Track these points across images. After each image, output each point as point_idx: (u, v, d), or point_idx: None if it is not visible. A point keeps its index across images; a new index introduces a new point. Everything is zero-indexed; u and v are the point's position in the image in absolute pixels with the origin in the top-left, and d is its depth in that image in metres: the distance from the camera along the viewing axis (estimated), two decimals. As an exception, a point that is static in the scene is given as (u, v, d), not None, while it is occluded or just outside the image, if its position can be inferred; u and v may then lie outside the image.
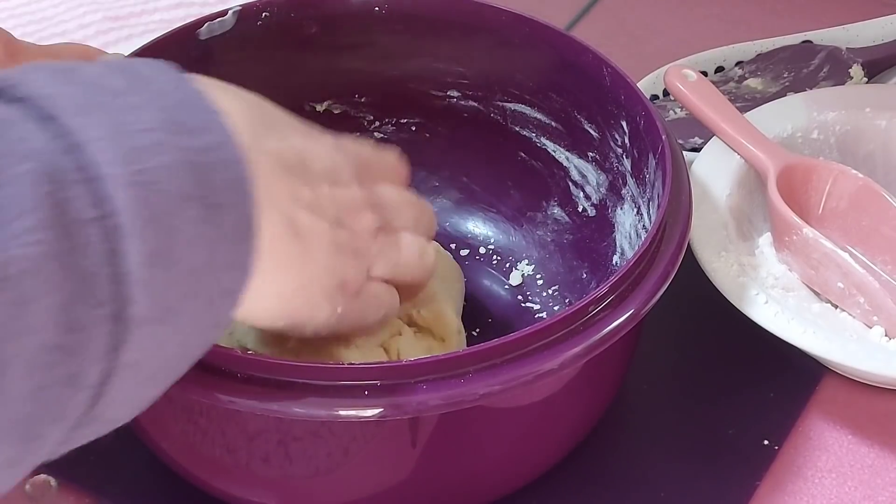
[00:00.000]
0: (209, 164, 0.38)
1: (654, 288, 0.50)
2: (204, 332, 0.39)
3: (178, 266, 0.36)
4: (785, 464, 0.57)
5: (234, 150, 0.38)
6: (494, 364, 0.46)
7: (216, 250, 0.38)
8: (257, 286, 0.41)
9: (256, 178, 0.40)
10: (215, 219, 0.38)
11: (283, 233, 0.43)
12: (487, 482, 0.53)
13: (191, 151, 0.37)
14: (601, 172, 0.61)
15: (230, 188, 0.38)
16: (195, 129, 0.38)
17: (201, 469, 0.53)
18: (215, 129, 0.38)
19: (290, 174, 0.44)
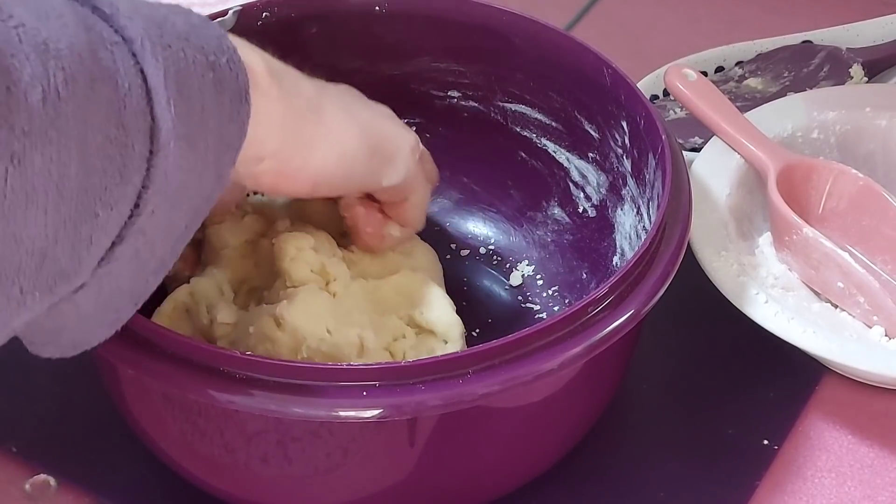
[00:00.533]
0: (199, 28, 0.43)
1: (653, 288, 0.50)
2: (213, 178, 0.44)
3: (192, 99, 0.41)
4: (785, 464, 0.57)
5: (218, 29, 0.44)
6: (494, 364, 0.46)
7: (220, 99, 0.43)
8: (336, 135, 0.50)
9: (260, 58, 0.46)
10: (215, 70, 0.42)
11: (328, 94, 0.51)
12: (487, 482, 0.53)
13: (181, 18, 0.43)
14: (601, 173, 0.61)
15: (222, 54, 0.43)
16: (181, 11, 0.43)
17: (201, 469, 0.53)
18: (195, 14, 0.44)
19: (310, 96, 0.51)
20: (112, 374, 0.52)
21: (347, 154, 0.51)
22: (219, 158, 0.43)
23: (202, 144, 0.42)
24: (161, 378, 0.47)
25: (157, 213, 0.41)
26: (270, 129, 0.47)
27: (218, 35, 0.43)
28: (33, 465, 0.56)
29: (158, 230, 0.42)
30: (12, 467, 0.56)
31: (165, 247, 0.43)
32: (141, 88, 0.40)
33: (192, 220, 0.44)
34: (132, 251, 0.42)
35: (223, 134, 0.43)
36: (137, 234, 0.41)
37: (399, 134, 0.55)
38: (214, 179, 0.44)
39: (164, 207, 0.42)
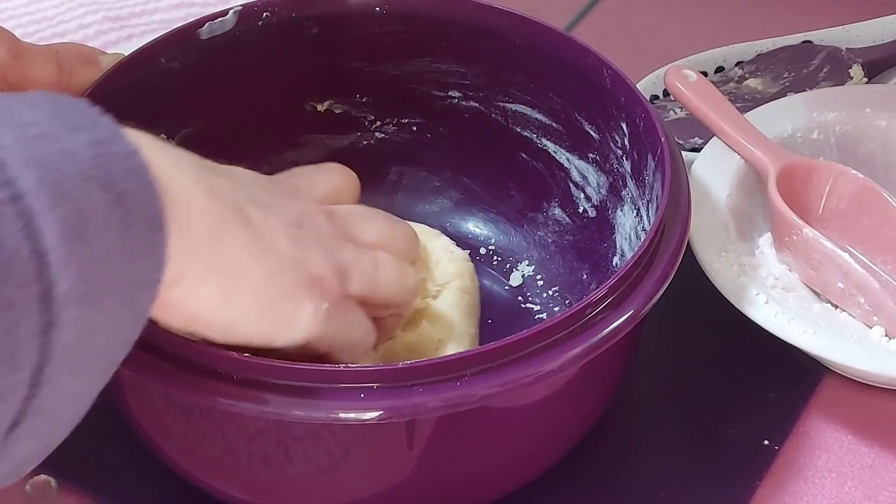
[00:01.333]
0: (104, 154, 0.38)
1: (653, 289, 0.50)
2: (128, 324, 0.40)
3: (95, 246, 0.37)
4: (785, 464, 0.57)
5: (127, 145, 0.39)
6: (494, 366, 0.46)
7: (128, 236, 0.38)
8: (229, 277, 0.43)
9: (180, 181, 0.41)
10: (122, 205, 0.38)
11: (236, 226, 0.43)
12: (487, 483, 0.53)
13: (85, 142, 0.38)
14: (601, 174, 0.61)
15: (132, 178, 0.38)
16: (86, 125, 0.38)
17: (201, 470, 0.53)
18: (105, 126, 0.39)
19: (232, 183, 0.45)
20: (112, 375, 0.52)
21: (232, 302, 0.44)
22: (132, 301, 0.39)
23: (110, 297, 0.38)
24: (162, 380, 0.47)
25: (59, 388, 0.37)
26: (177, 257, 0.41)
27: (127, 153, 0.38)
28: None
29: (64, 399, 0.38)
30: (12, 468, 0.56)
31: (75, 408, 0.40)
32: (30, 254, 0.35)
33: (106, 370, 0.40)
34: (32, 428, 0.38)
35: (135, 273, 0.39)
36: (37, 414, 0.37)
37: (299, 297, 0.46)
38: (130, 324, 0.40)
39: (67, 379, 0.38)
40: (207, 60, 0.61)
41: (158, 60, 0.59)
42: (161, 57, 0.59)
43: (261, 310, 0.45)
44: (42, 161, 0.36)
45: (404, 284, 0.51)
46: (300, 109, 0.64)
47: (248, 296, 0.44)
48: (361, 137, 0.66)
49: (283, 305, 0.45)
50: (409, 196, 0.67)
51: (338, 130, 0.64)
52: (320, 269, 0.47)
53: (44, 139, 0.37)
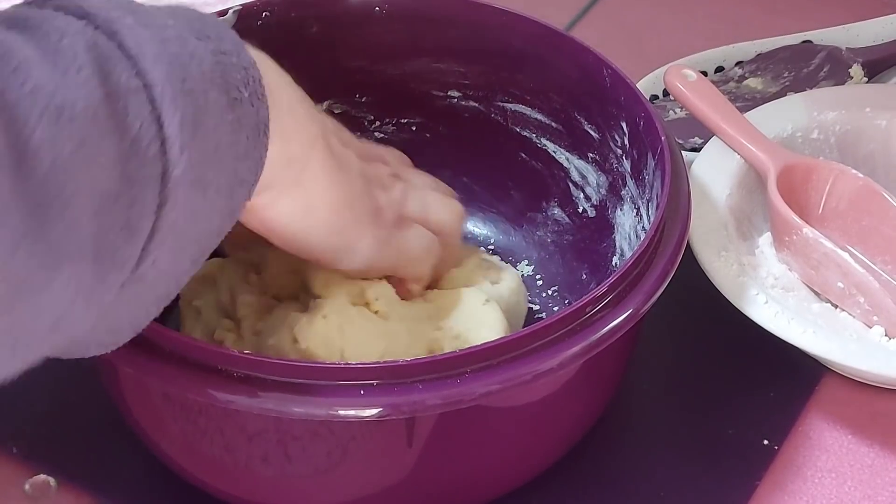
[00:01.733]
0: (227, 63, 0.42)
1: (652, 288, 0.50)
2: (223, 215, 0.43)
3: (208, 141, 0.41)
4: (785, 464, 0.57)
5: (248, 58, 0.43)
6: (493, 364, 0.46)
7: (237, 137, 0.42)
8: (310, 194, 0.48)
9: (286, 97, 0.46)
10: (236, 109, 0.42)
11: (323, 150, 0.48)
12: (486, 481, 0.53)
13: (210, 50, 0.42)
14: (601, 173, 0.61)
15: (246, 87, 0.43)
16: (211, 36, 0.42)
17: (200, 469, 0.53)
18: (229, 38, 0.43)
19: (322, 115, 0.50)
20: (112, 374, 0.52)
21: (308, 218, 0.49)
22: (231, 196, 0.43)
23: (214, 187, 0.42)
24: (160, 377, 0.47)
25: (158, 261, 0.41)
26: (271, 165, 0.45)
27: (246, 65, 0.43)
28: (33, 465, 0.56)
29: (160, 274, 0.42)
30: (12, 467, 0.56)
31: (167, 284, 0.43)
32: (154, 137, 0.39)
33: (198, 256, 0.44)
34: (131, 295, 0.41)
35: (237, 171, 0.43)
36: (137, 282, 0.41)
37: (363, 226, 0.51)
38: (225, 216, 0.44)
39: (167, 253, 0.41)
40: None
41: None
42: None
43: (329, 232, 0.50)
44: (172, 59, 0.40)
45: (453, 208, 0.57)
46: (300, 109, 0.64)
47: (322, 216, 0.49)
48: (361, 137, 0.66)
49: (349, 232, 0.51)
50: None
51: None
52: (381, 202, 0.52)
53: (176, 41, 0.41)
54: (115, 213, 0.38)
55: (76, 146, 0.37)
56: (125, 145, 0.38)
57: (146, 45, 0.40)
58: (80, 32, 0.39)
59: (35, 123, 0.36)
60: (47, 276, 0.37)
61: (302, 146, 0.47)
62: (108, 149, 0.38)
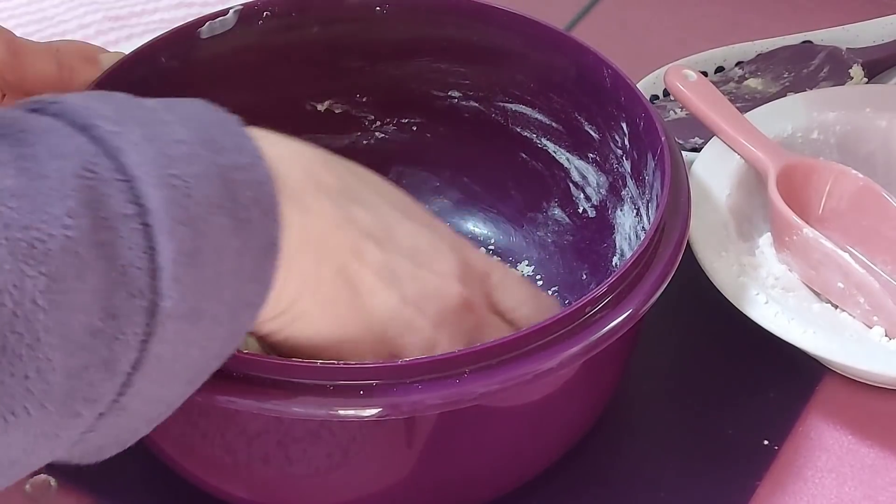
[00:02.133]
0: (238, 181, 0.40)
1: (652, 288, 0.50)
2: (224, 340, 0.41)
3: (206, 269, 0.38)
4: (785, 464, 0.57)
5: (264, 172, 0.40)
6: (493, 364, 0.46)
7: (242, 262, 0.40)
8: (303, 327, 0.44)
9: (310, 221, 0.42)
10: (242, 232, 0.39)
11: (335, 284, 0.45)
12: (486, 481, 0.53)
13: (221, 166, 0.39)
14: (601, 174, 0.61)
15: (258, 206, 0.40)
16: (226, 147, 0.40)
17: (201, 469, 0.53)
18: (246, 150, 0.40)
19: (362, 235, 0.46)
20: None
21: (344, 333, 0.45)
22: (233, 321, 0.40)
23: (209, 317, 0.39)
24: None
25: (143, 392, 0.39)
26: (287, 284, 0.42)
27: (261, 180, 0.40)
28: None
29: (146, 403, 0.39)
30: (12, 467, 0.56)
31: (157, 409, 0.41)
32: (145, 268, 0.37)
33: (195, 378, 0.41)
34: (111, 422, 0.39)
35: (240, 295, 0.40)
36: (119, 412, 0.39)
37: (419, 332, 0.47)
38: (226, 341, 0.41)
39: (153, 385, 0.39)
40: (208, 60, 0.61)
41: (159, 59, 0.59)
42: (161, 56, 0.59)
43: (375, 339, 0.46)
44: (174, 184, 0.38)
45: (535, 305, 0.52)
46: (300, 109, 0.64)
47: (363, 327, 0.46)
48: (361, 137, 0.66)
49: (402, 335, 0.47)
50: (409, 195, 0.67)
51: (338, 130, 0.64)
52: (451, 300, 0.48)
53: (184, 160, 0.38)
54: (92, 351, 0.36)
55: (46, 285, 0.34)
56: (110, 278, 0.36)
57: (149, 167, 0.37)
58: (74, 154, 0.37)
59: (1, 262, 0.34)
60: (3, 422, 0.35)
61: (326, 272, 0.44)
62: (89, 283, 0.36)
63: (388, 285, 0.46)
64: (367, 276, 0.46)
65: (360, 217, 0.46)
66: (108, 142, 0.37)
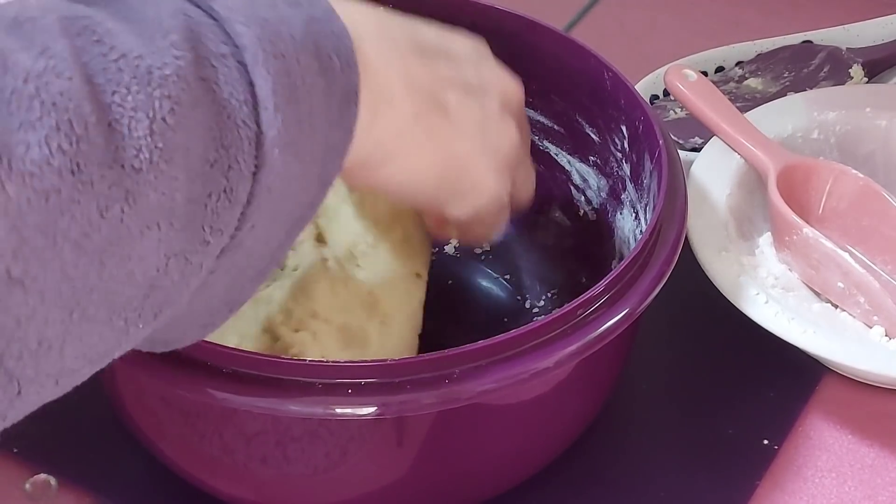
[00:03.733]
0: (318, 30, 0.42)
1: (648, 288, 0.50)
2: (316, 187, 0.43)
3: (301, 105, 0.40)
4: (785, 463, 0.57)
5: (340, 25, 0.43)
6: (490, 362, 0.46)
7: (328, 102, 0.42)
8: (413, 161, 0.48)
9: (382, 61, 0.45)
10: (327, 74, 0.41)
11: (429, 116, 0.48)
12: (483, 479, 0.53)
13: (302, 16, 0.41)
14: (602, 177, 0.61)
15: (336, 54, 0.42)
16: (304, 2, 0.42)
17: (200, 469, 0.53)
18: (320, 5, 0.43)
19: (430, 57, 0.49)
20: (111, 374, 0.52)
21: (413, 177, 0.49)
22: (324, 165, 0.43)
23: (308, 153, 0.41)
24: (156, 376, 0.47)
25: (256, 227, 0.41)
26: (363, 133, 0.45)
27: (337, 32, 0.42)
28: (33, 465, 0.56)
29: (258, 242, 0.41)
30: (12, 467, 0.56)
31: (264, 256, 0.43)
32: (247, 101, 0.39)
33: (293, 227, 0.43)
34: (230, 265, 0.41)
35: (329, 139, 0.42)
36: (236, 249, 0.41)
37: (482, 177, 0.51)
38: (318, 187, 0.43)
39: (264, 220, 0.41)
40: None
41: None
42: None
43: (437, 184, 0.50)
44: (262, 22, 0.40)
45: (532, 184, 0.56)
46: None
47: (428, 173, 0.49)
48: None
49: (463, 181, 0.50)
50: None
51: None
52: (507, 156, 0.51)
53: (266, 6, 0.41)
54: (212, 178, 0.38)
55: (170, 108, 0.36)
56: (217, 109, 0.38)
57: (236, 10, 0.40)
58: (166, 1, 0.39)
59: (127, 88, 0.36)
60: (136, 234, 0.36)
61: (396, 118, 0.46)
62: (201, 113, 0.38)
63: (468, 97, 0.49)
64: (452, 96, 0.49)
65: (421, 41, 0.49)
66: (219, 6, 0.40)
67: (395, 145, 0.47)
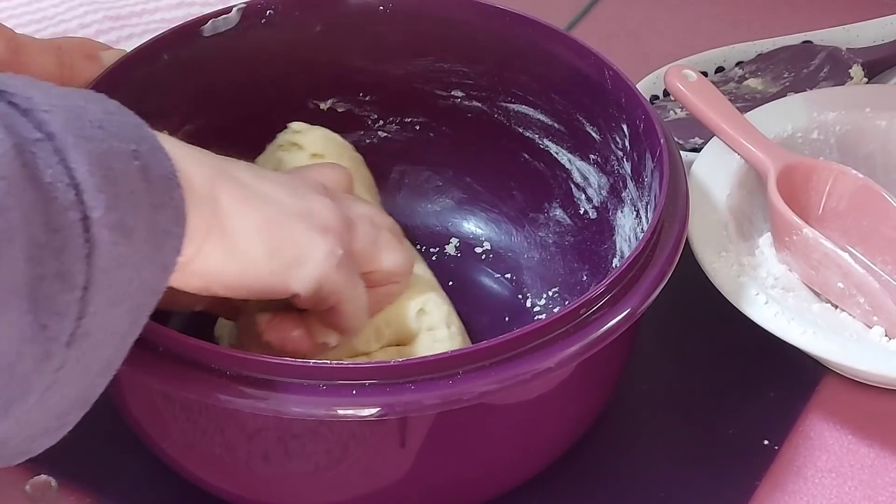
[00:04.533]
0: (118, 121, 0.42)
1: (650, 288, 0.50)
2: (155, 268, 0.42)
3: (120, 185, 0.40)
4: (785, 464, 0.57)
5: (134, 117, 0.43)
6: (492, 363, 0.46)
7: (148, 185, 0.42)
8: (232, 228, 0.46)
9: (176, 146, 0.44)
10: (139, 157, 0.42)
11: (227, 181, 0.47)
12: (484, 480, 0.53)
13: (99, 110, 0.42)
14: (602, 175, 0.61)
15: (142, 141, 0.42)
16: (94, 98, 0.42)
17: (201, 468, 0.53)
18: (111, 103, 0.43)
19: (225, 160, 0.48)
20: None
21: (238, 250, 0.46)
22: (159, 248, 0.42)
23: (138, 233, 0.41)
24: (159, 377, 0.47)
25: (98, 313, 0.40)
26: None
27: (136, 123, 0.43)
28: (33, 465, 0.56)
29: (101, 330, 0.41)
30: (12, 468, 0.56)
31: (110, 346, 0.42)
32: (69, 184, 0.39)
33: (137, 315, 0.42)
34: (79, 354, 0.40)
35: (158, 221, 0.42)
36: (83, 338, 0.40)
37: (309, 239, 0.48)
38: (157, 270, 0.42)
39: (104, 304, 0.40)
40: (210, 57, 0.61)
41: (161, 57, 0.59)
42: (163, 53, 0.59)
43: (267, 253, 0.47)
44: (64, 108, 0.40)
45: (404, 253, 0.53)
46: (303, 107, 0.64)
47: (251, 243, 0.47)
48: (364, 136, 0.66)
49: (290, 247, 0.48)
50: (411, 195, 0.67)
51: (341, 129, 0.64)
52: (328, 219, 0.49)
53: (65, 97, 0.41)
54: (46, 260, 0.38)
55: (5, 188, 0.37)
56: (43, 193, 0.38)
57: (38, 99, 0.40)
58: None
59: None
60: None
61: (205, 184, 0.45)
62: (29, 196, 0.38)
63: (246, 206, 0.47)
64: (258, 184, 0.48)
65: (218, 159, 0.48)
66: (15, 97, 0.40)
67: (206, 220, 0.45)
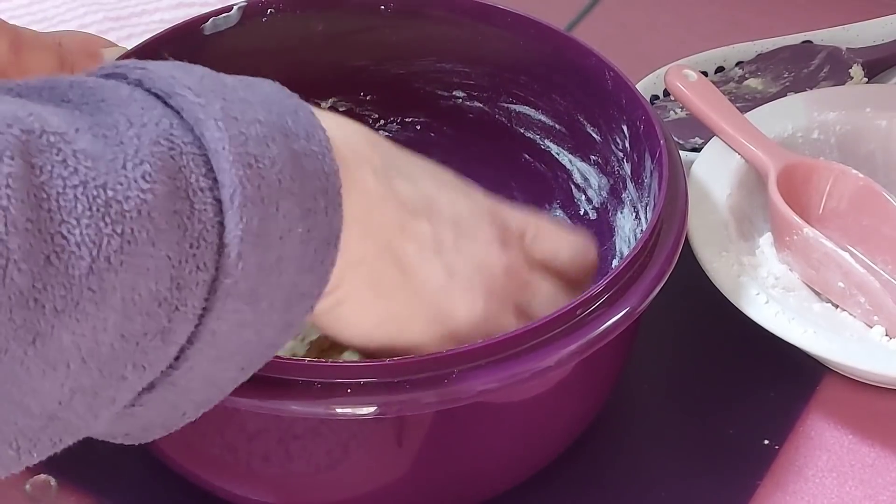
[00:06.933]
0: (308, 170, 0.39)
1: (649, 287, 0.50)
2: (278, 329, 0.41)
3: (269, 253, 0.38)
4: (785, 464, 0.57)
5: (332, 164, 0.40)
6: (491, 361, 0.46)
7: (304, 249, 0.39)
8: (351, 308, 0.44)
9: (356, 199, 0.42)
10: (307, 219, 0.39)
11: (381, 260, 0.45)
12: (484, 479, 0.53)
13: (294, 151, 0.39)
14: (603, 176, 0.62)
15: (324, 197, 0.40)
16: (298, 134, 0.40)
17: (200, 468, 0.53)
18: (316, 138, 0.40)
19: (406, 209, 0.46)
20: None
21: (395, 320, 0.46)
22: (287, 310, 0.40)
23: (267, 301, 0.39)
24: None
25: (196, 368, 0.38)
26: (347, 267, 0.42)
27: (328, 171, 0.40)
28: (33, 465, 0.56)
29: (197, 381, 0.39)
30: (13, 466, 0.56)
31: (208, 392, 0.40)
32: (213, 243, 0.37)
33: (248, 366, 0.41)
34: (160, 397, 0.39)
35: (298, 285, 0.40)
36: (169, 387, 0.38)
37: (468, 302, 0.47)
38: (280, 331, 0.41)
39: (206, 362, 0.38)
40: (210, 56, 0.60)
41: (161, 55, 0.59)
42: (164, 52, 0.59)
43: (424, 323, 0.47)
44: (251, 161, 0.37)
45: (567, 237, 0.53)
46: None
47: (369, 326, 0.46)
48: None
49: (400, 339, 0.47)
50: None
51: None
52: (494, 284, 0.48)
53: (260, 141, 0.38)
54: (154, 318, 0.36)
55: (119, 246, 0.34)
56: (182, 248, 0.36)
57: (227, 143, 0.37)
58: (152, 123, 0.37)
59: (77, 220, 0.33)
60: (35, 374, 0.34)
61: (362, 252, 0.43)
62: (161, 250, 0.35)
63: (434, 256, 0.46)
64: (412, 249, 0.46)
65: (402, 189, 0.46)
66: (188, 112, 0.37)
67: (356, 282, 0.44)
